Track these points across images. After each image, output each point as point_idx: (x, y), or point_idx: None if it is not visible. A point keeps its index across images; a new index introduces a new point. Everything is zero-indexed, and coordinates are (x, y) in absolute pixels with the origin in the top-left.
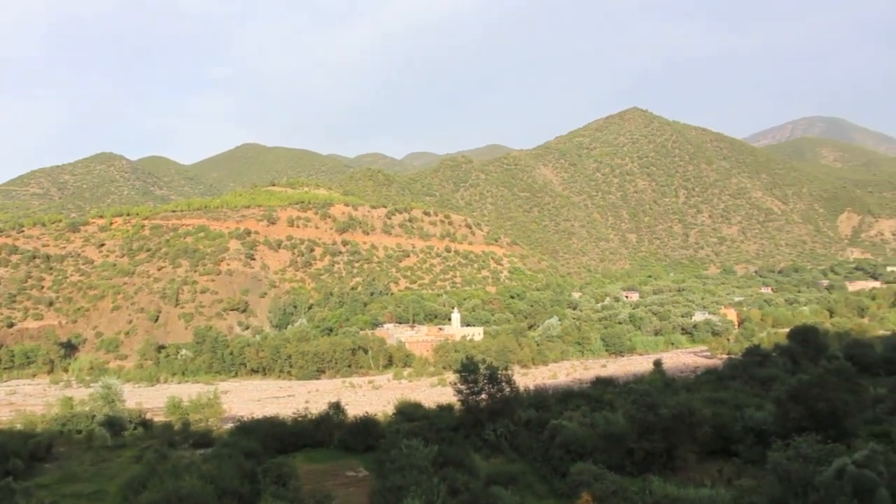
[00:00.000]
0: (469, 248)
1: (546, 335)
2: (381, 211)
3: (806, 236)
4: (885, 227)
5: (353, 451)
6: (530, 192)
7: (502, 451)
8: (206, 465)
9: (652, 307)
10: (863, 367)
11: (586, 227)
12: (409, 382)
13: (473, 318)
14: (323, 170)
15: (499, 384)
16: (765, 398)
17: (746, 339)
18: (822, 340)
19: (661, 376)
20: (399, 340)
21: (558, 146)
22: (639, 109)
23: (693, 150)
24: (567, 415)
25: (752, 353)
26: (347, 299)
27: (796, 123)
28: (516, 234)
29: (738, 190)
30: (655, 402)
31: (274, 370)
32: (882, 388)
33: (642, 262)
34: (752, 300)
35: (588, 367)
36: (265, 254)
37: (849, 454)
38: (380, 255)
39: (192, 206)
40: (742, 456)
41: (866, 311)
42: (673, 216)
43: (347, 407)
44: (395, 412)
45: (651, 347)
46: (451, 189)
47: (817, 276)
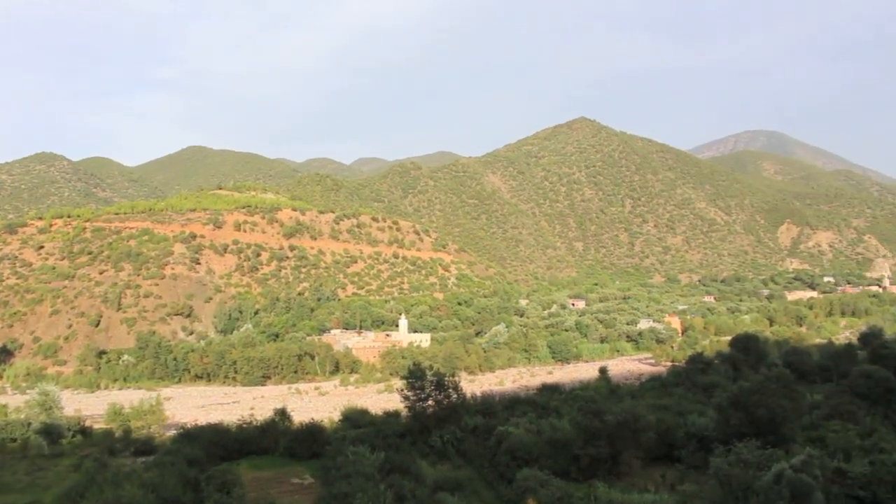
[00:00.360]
0: (417, 255)
1: (493, 342)
2: (328, 216)
3: (747, 247)
4: (822, 239)
5: (299, 458)
6: (479, 199)
7: (449, 458)
8: (147, 473)
9: (598, 315)
10: (800, 374)
11: (534, 234)
12: (355, 389)
13: (421, 324)
14: (271, 174)
15: (446, 391)
16: (707, 405)
17: (690, 346)
18: (762, 348)
19: (606, 383)
20: (346, 346)
21: (507, 154)
22: (587, 119)
23: (639, 161)
24: (513, 421)
25: (695, 361)
26: (294, 305)
27: (739, 136)
28: (464, 241)
29: (683, 200)
30: (601, 408)
31: (219, 376)
32: (818, 394)
33: (588, 270)
34: (696, 309)
35: (534, 373)
36: (211, 258)
37: (787, 459)
38: (327, 261)
39: (136, 208)
40: (685, 461)
41: (804, 320)
42: (619, 225)
43: (293, 413)
44: (342, 419)
45: (597, 354)
46: (400, 195)
47: (758, 286)
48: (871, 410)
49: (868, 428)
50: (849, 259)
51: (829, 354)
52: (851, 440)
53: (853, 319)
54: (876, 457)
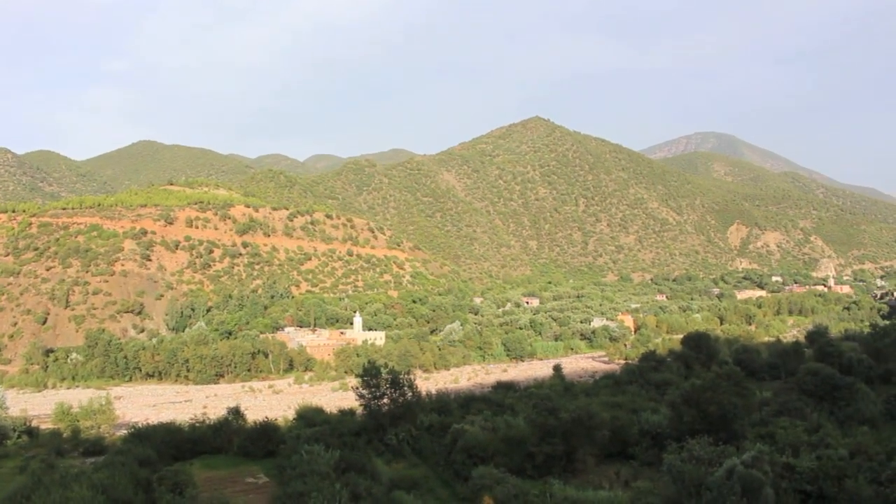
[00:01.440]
0: (371, 252)
1: (448, 340)
2: (282, 213)
3: (699, 246)
4: (770, 239)
5: (253, 458)
6: (433, 197)
7: (404, 456)
8: (97, 474)
9: (552, 313)
10: (750, 371)
11: (488, 233)
12: (310, 387)
13: (375, 322)
14: (223, 170)
15: (401, 389)
16: (660, 402)
17: (642, 344)
18: (713, 346)
19: (560, 381)
20: (300, 344)
21: (461, 152)
22: (541, 119)
23: (593, 161)
24: (469, 419)
25: (647, 359)
26: (247, 302)
27: (690, 138)
28: (419, 238)
29: (636, 200)
30: (555, 406)
31: (170, 374)
32: (767, 391)
33: (543, 268)
34: (648, 307)
35: (489, 371)
36: (162, 255)
37: (738, 455)
38: (281, 258)
39: (84, 203)
40: (638, 458)
41: (753, 319)
42: (573, 224)
43: (247, 412)
44: (296, 417)
45: (551, 352)
46: (354, 192)
47: (709, 285)
48: (817, 407)
49: (815, 424)
50: (796, 259)
51: (778, 352)
52: (799, 436)
53: (800, 318)
54: (822, 452)
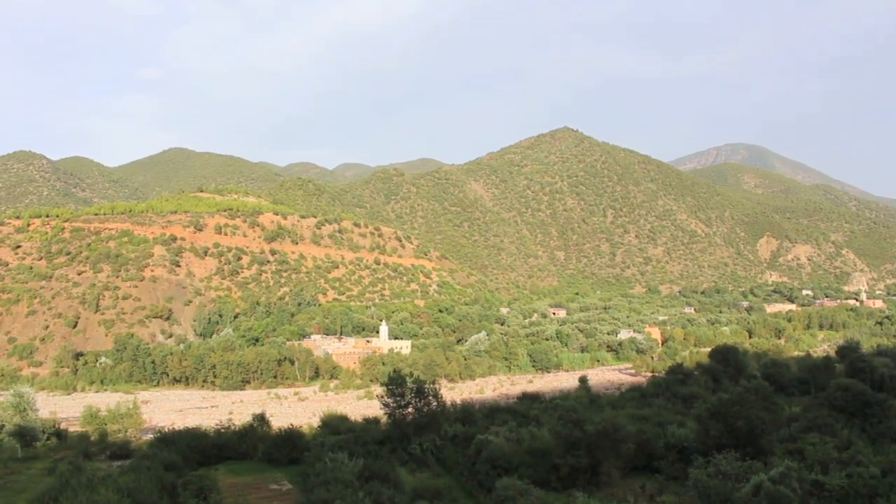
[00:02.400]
0: (398, 261)
1: (473, 350)
2: (310, 221)
3: (727, 259)
4: (800, 252)
5: (278, 464)
6: (461, 206)
7: (428, 466)
8: (123, 477)
9: (578, 324)
10: (779, 386)
11: (515, 243)
12: (335, 395)
13: (401, 331)
14: (252, 177)
15: (426, 398)
16: (686, 416)
17: (669, 357)
18: (741, 360)
19: (586, 393)
20: (326, 352)
21: (490, 162)
22: (570, 129)
23: (621, 171)
24: (493, 430)
25: (674, 372)
26: (274, 309)
27: (720, 149)
28: (446, 248)
29: (664, 211)
30: (581, 418)
31: (197, 380)
32: (796, 406)
33: (570, 279)
34: (676, 319)
35: (515, 382)
36: (191, 261)
37: (765, 471)
38: (308, 266)
39: (115, 209)
40: (664, 472)
41: (783, 333)
42: (600, 235)
43: (272, 419)
44: (321, 425)
45: (577, 364)
46: (382, 201)
47: (738, 298)
48: (848, 423)
49: (845, 441)
50: (827, 273)
51: (807, 367)
52: (829, 453)
53: (831, 332)
54: (853, 469)
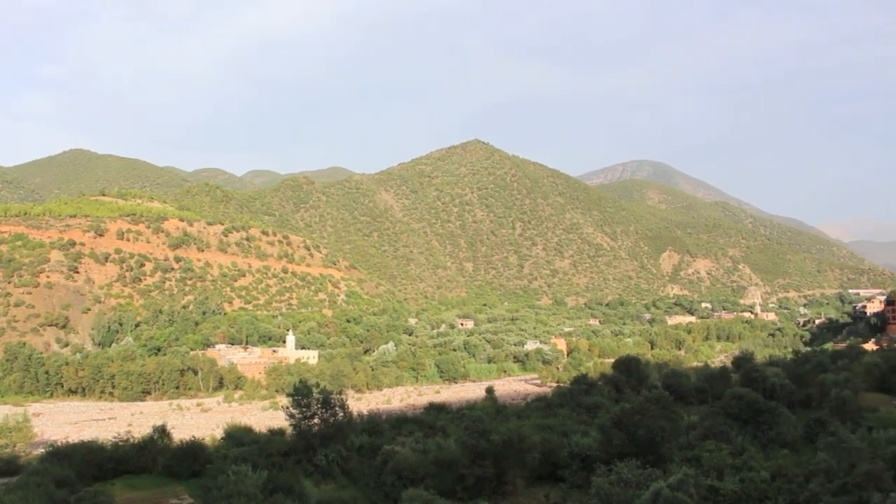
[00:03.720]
0: (307, 270)
1: (381, 360)
2: (217, 228)
3: (631, 272)
4: (700, 266)
5: (178, 478)
6: (371, 216)
7: (334, 477)
8: (9, 495)
9: (486, 335)
10: (679, 395)
11: (424, 253)
12: (240, 406)
13: (309, 341)
14: (158, 182)
15: (332, 409)
16: (590, 425)
17: (574, 368)
18: (643, 371)
19: (492, 403)
20: (231, 362)
21: (400, 172)
22: (480, 142)
23: (531, 185)
24: (400, 440)
25: (579, 382)
26: (178, 318)
27: (626, 165)
28: (355, 257)
29: (572, 225)
30: (487, 428)
31: (94, 391)
32: (695, 415)
33: (478, 290)
34: (581, 331)
35: (422, 392)
36: (90, 267)
37: (664, 478)
38: (214, 274)
39: (9, 211)
40: (568, 481)
41: (683, 344)
42: (509, 247)
43: (173, 431)
44: (224, 436)
45: (484, 374)
46: (291, 209)
47: (641, 310)
48: (742, 430)
49: (739, 447)
50: (725, 286)
51: (705, 377)
52: (724, 459)
53: (727, 344)
54: (746, 474)
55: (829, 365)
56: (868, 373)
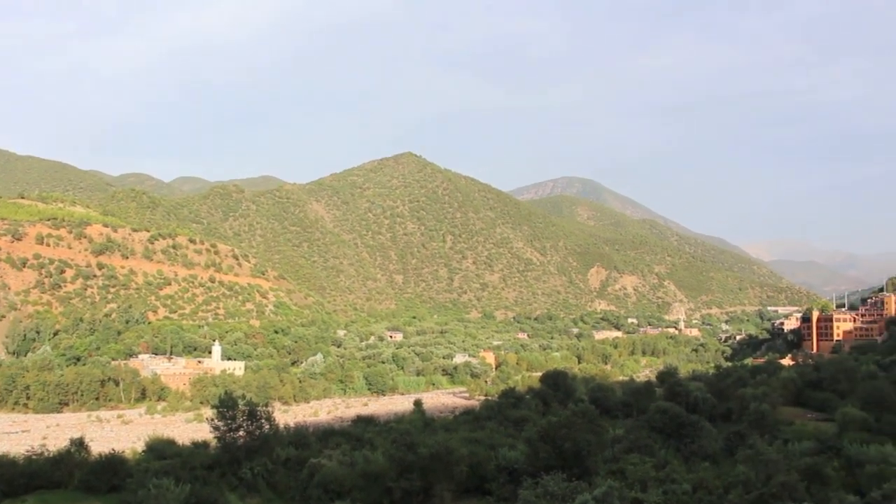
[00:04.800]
0: (235, 280)
1: (309, 372)
2: (143, 235)
3: (560, 287)
4: (627, 283)
5: (96, 493)
6: (301, 226)
7: (259, 491)
8: None
9: (415, 348)
10: (604, 409)
11: (355, 265)
12: (163, 417)
13: (235, 351)
14: (81, 186)
15: (258, 421)
16: (518, 438)
17: (503, 381)
18: (570, 384)
19: (421, 416)
20: (154, 373)
21: (332, 183)
22: (413, 154)
23: (462, 199)
24: (327, 453)
25: (507, 395)
26: (99, 326)
27: (557, 182)
28: (284, 268)
29: (502, 239)
30: (414, 441)
31: (8, 402)
32: (620, 429)
33: (408, 303)
34: (510, 345)
35: (350, 405)
36: (6, 272)
37: (589, 491)
38: (139, 282)
39: None
40: (495, 494)
41: (609, 358)
42: (439, 260)
43: (92, 443)
44: (146, 449)
45: (413, 387)
46: (220, 218)
47: (569, 325)
48: (665, 443)
49: (662, 460)
50: (650, 302)
51: (631, 391)
52: (648, 472)
53: (652, 359)
54: (668, 486)
55: (748, 380)
56: (785, 387)
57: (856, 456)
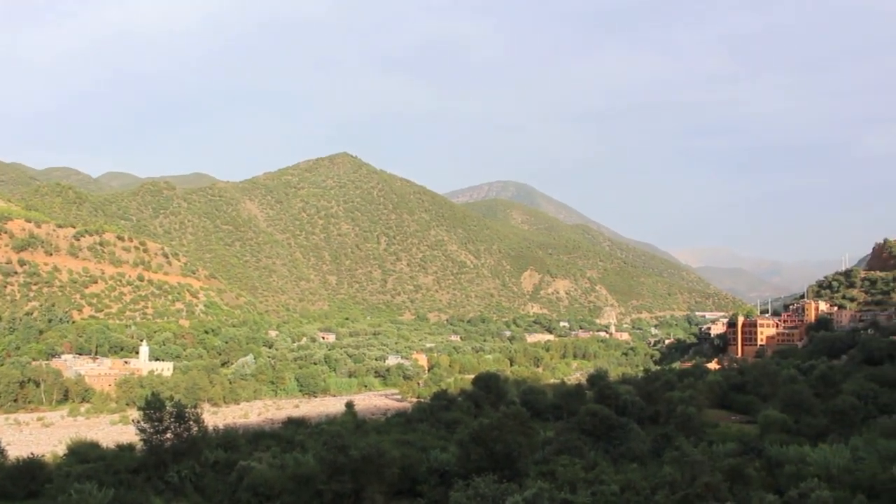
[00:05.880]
0: (164, 279)
1: (240, 373)
2: (68, 231)
3: (493, 290)
4: (560, 286)
5: (13, 499)
6: (233, 225)
7: (186, 495)
8: None
9: (347, 349)
10: (536, 412)
11: (288, 265)
12: (86, 420)
13: (163, 352)
14: (2, 179)
15: (186, 423)
16: (449, 440)
17: (435, 383)
18: (502, 387)
19: (352, 418)
20: (78, 373)
21: (266, 182)
22: (348, 155)
23: (397, 200)
24: (257, 456)
25: (439, 398)
26: (20, 325)
27: (492, 185)
28: (215, 267)
29: (436, 242)
30: (346, 443)
31: None
32: (551, 431)
33: (341, 304)
34: (443, 347)
35: (281, 406)
36: None
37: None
38: (63, 279)
39: None
40: (426, 496)
41: (541, 361)
42: (373, 262)
43: (9, 447)
44: (67, 453)
45: (345, 389)
46: (150, 215)
47: (501, 328)
48: (595, 445)
49: (592, 462)
50: (582, 306)
51: (562, 394)
52: (577, 473)
53: (583, 362)
54: (597, 488)
55: (676, 383)
56: (711, 390)
57: (776, 456)
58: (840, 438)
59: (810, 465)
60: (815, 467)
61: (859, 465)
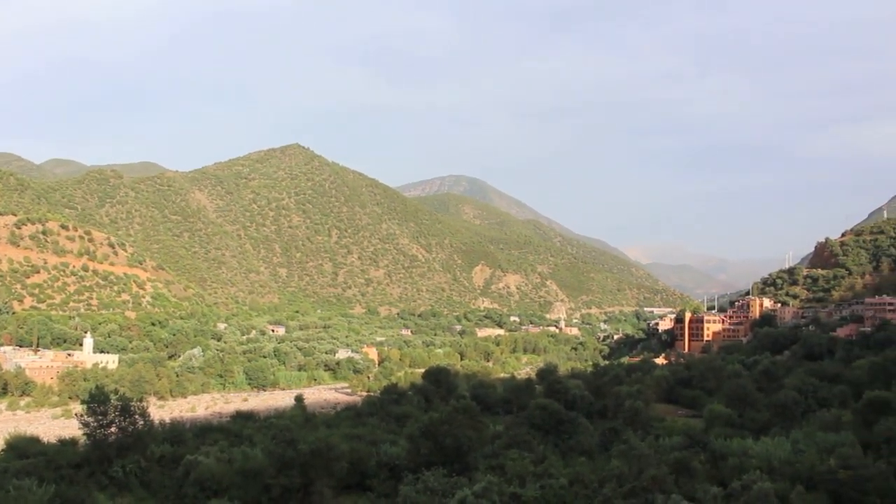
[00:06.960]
0: (110, 269)
1: (187, 366)
2: (9, 219)
3: (445, 284)
4: (511, 281)
5: None
6: (182, 216)
7: (131, 490)
8: None
9: (297, 342)
10: (486, 406)
11: (237, 257)
12: (26, 413)
13: (109, 344)
14: None
15: (131, 417)
16: (399, 434)
17: (385, 377)
18: (452, 381)
19: (301, 412)
20: (18, 366)
21: (216, 172)
22: (300, 146)
23: (349, 193)
24: (204, 450)
25: (389, 392)
26: None
27: (444, 180)
28: (163, 258)
29: (388, 235)
30: (295, 437)
31: None
32: (500, 425)
33: (291, 297)
34: (393, 341)
35: (229, 400)
36: None
37: (469, 486)
38: (3, 269)
39: None
40: (376, 490)
41: (491, 356)
42: (324, 254)
43: None
44: (5, 448)
45: (294, 382)
46: (96, 204)
47: (452, 322)
48: (544, 439)
49: (541, 455)
50: (533, 301)
51: (511, 388)
52: (526, 467)
53: (533, 356)
54: (546, 481)
55: (624, 378)
56: (658, 385)
57: (720, 450)
58: (782, 432)
59: (753, 457)
60: (757, 460)
61: (799, 458)
